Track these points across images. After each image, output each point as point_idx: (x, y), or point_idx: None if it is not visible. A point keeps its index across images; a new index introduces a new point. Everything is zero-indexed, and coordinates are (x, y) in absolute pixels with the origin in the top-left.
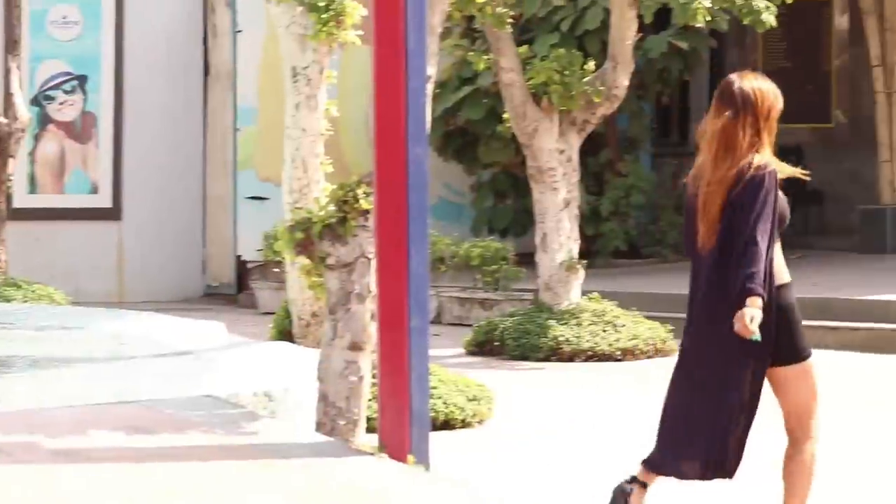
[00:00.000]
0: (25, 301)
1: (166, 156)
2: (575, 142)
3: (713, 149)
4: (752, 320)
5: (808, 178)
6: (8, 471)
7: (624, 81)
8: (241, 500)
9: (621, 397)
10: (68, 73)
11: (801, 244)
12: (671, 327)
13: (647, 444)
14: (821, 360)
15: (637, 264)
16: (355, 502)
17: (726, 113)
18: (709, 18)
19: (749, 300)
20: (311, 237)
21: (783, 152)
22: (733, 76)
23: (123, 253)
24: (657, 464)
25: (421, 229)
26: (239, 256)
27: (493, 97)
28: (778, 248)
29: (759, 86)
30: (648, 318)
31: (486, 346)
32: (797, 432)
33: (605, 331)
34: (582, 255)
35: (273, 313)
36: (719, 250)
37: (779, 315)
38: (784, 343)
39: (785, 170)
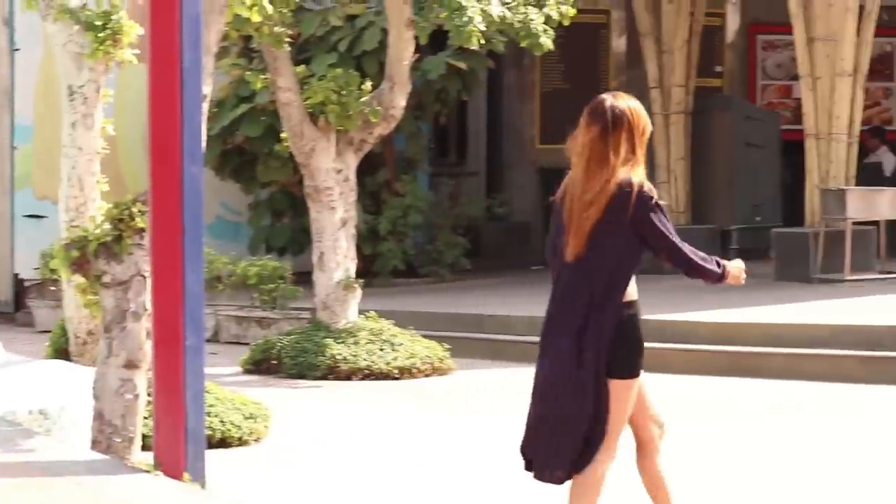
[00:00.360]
0: None
1: None
2: (352, 161)
3: (584, 163)
4: (740, 272)
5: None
6: None
7: (401, 101)
8: None
9: (398, 414)
10: None
11: None
12: (448, 346)
13: (423, 459)
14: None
15: (415, 283)
16: None
17: (595, 128)
18: (483, 42)
19: (727, 272)
20: (86, 255)
21: (561, 174)
22: (605, 95)
23: None
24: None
25: (196, 248)
26: (16, 275)
27: (271, 116)
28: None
29: (632, 104)
30: (426, 336)
31: (264, 365)
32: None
33: (382, 349)
34: (360, 274)
35: (50, 331)
36: (588, 261)
37: (622, 330)
38: (622, 357)
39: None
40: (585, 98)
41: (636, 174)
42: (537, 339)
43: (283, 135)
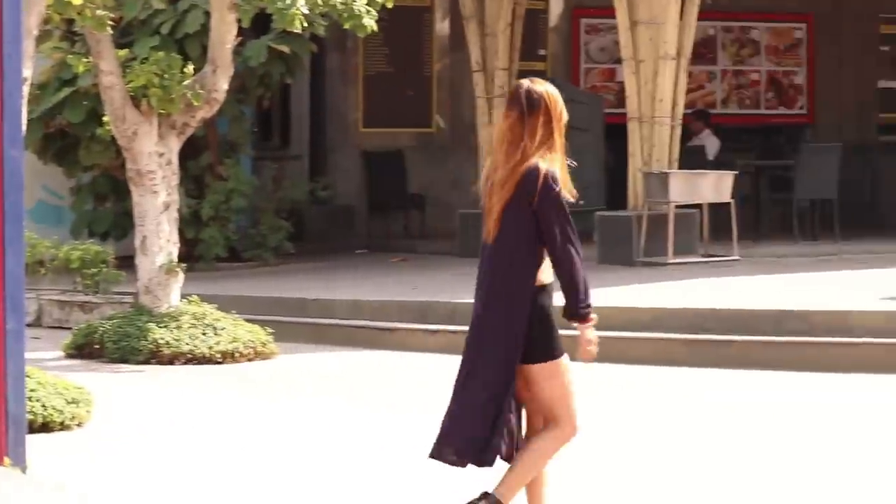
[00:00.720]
0: None
1: None
2: (174, 145)
3: (502, 147)
4: (591, 344)
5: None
6: None
7: (224, 85)
8: None
9: (221, 399)
10: None
11: (403, 248)
12: (271, 330)
13: (245, 443)
14: (418, 364)
15: (238, 268)
16: None
17: (513, 113)
18: (306, 25)
19: (583, 325)
20: None
21: (385, 157)
22: (523, 81)
23: None
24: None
25: (17, 231)
26: None
27: (93, 99)
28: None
29: (549, 90)
30: (249, 321)
31: (86, 349)
32: (557, 418)
33: (204, 333)
34: (182, 258)
35: None
36: (498, 244)
37: (536, 313)
38: (539, 342)
39: (566, 184)
40: (409, 81)
41: (549, 160)
42: (360, 322)
43: (105, 118)
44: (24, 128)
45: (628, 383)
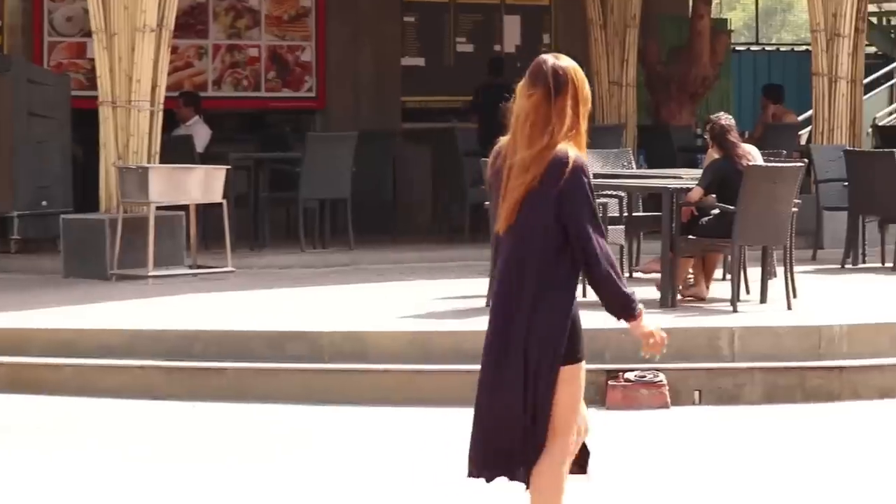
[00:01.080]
0: None
1: None
2: None
3: (525, 129)
4: (654, 335)
5: None
6: None
7: None
8: None
9: None
10: None
11: None
12: None
13: None
14: None
15: None
16: None
17: (537, 91)
18: None
19: (633, 322)
20: None
21: None
22: (547, 55)
23: None
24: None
25: None
26: None
27: None
28: None
29: (576, 67)
30: None
31: None
32: (559, 430)
33: None
34: None
35: None
36: (517, 235)
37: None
38: (571, 340)
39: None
40: None
41: (575, 147)
42: None
43: None
44: None
45: (98, 419)
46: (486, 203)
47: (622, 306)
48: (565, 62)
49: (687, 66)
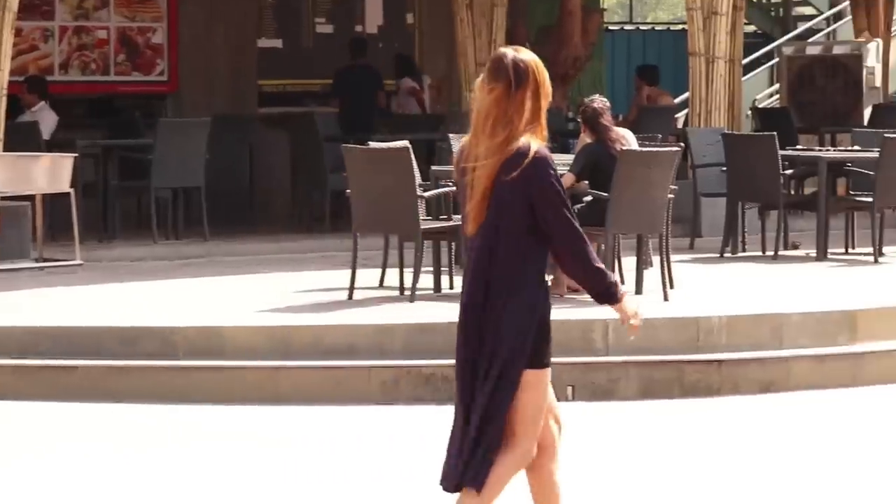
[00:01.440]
0: None
1: None
2: None
3: (486, 124)
4: (635, 315)
5: None
6: None
7: None
8: None
9: None
10: None
11: None
12: None
13: None
14: None
15: None
16: None
17: (499, 87)
18: None
19: (617, 305)
20: None
21: None
22: (506, 49)
23: None
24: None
25: None
26: None
27: None
28: None
29: (537, 60)
30: None
31: None
32: (519, 436)
33: None
34: None
35: None
36: (486, 233)
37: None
38: (536, 343)
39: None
40: None
41: (536, 139)
42: None
43: None
44: None
45: None
46: (347, 191)
47: (606, 292)
48: (526, 55)
49: (557, 46)
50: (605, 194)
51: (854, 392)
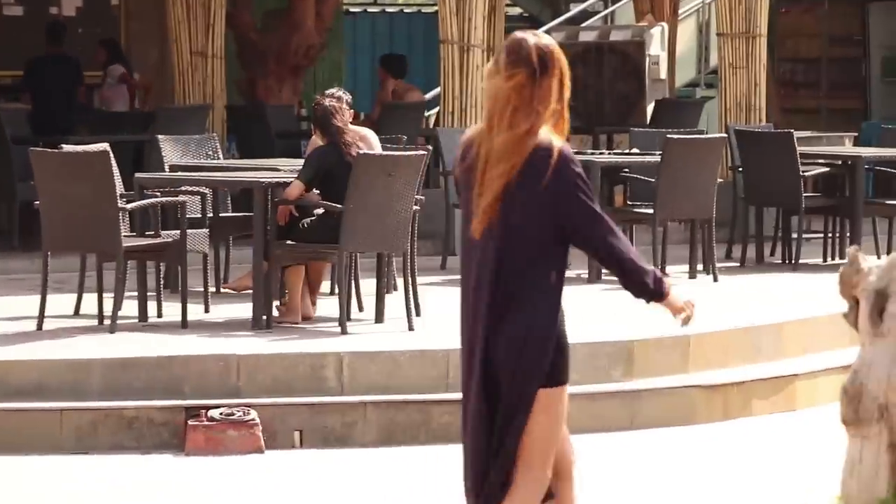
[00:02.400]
0: None
1: None
2: None
3: (504, 113)
4: (689, 306)
5: None
6: None
7: None
8: None
9: None
10: None
11: None
12: None
13: None
14: None
15: None
16: None
17: (519, 72)
18: None
19: (667, 299)
20: None
21: None
22: (524, 33)
23: None
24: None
25: None
26: None
27: None
28: None
29: (557, 47)
30: None
31: None
32: (530, 462)
33: None
34: None
35: None
36: (497, 238)
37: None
38: (555, 359)
39: None
40: None
41: (556, 135)
42: None
43: None
44: None
45: None
46: (37, 203)
47: (654, 290)
48: (547, 40)
49: (287, 33)
50: (340, 206)
51: (630, 436)
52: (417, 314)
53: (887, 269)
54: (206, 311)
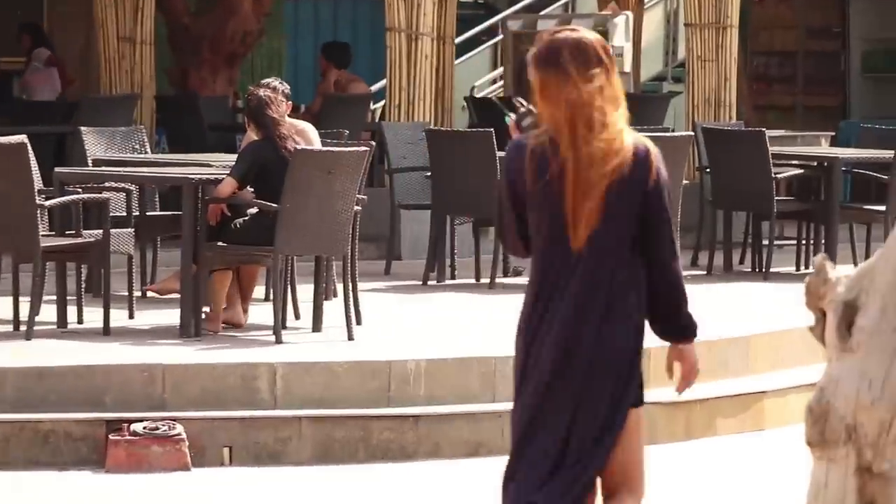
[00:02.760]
0: None
1: None
2: None
3: (592, 117)
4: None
5: None
6: None
7: None
8: None
9: None
10: None
11: None
12: None
13: None
14: None
15: None
16: None
17: (598, 72)
18: None
19: (688, 345)
20: None
21: None
22: (560, 31)
23: None
24: None
25: None
26: None
27: None
28: None
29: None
30: None
31: None
32: (622, 488)
33: None
34: None
35: None
36: (598, 248)
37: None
38: (639, 380)
39: None
40: None
41: (639, 136)
42: None
43: None
44: None
45: None
46: None
47: (686, 325)
48: (594, 35)
49: (223, 17)
50: (275, 205)
51: None
52: (358, 323)
53: (857, 280)
54: (131, 317)
